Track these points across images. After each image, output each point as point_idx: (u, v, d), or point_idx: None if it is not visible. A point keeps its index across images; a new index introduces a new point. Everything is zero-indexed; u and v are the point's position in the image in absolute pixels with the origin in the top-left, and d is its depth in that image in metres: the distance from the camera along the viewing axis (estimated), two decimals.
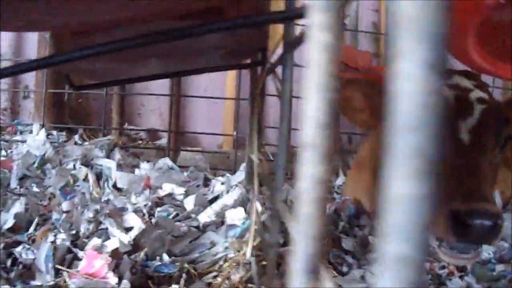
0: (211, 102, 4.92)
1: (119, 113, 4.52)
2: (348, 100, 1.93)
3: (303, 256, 0.42)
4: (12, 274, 1.71)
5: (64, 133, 4.63)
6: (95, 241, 1.78)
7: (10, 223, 2.31)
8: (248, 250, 1.82)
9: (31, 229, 2.24)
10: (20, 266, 1.80)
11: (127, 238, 1.77)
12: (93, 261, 1.61)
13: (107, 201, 2.71)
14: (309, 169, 0.40)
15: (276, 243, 1.40)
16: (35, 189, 3.20)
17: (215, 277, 1.73)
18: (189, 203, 2.61)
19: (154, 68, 1.48)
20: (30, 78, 4.64)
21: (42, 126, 4.27)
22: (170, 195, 2.79)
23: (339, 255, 1.96)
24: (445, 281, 1.87)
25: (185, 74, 2.84)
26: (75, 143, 3.96)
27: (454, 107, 1.65)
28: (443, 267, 1.89)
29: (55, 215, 2.48)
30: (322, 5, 0.37)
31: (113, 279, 1.49)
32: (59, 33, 1.17)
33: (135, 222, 1.94)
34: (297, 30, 1.21)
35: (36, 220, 2.32)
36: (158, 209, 2.54)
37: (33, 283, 1.65)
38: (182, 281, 1.61)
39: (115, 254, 1.66)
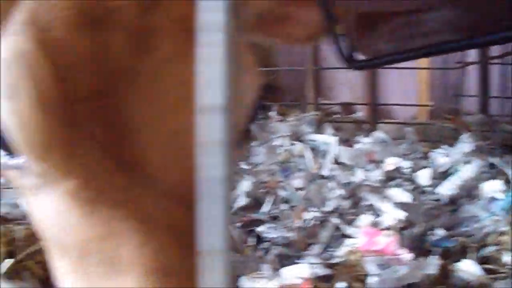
0: (403, 73, 4.76)
1: (314, 88, 4.57)
2: None
3: None
4: (269, 252, 1.78)
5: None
6: (366, 218, 1.79)
7: (243, 201, 2.43)
8: None
9: (266, 207, 2.34)
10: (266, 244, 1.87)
11: (401, 214, 1.75)
12: (374, 238, 1.62)
13: (332, 177, 2.74)
14: None
15: None
16: (245, 166, 3.34)
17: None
18: (422, 177, 2.53)
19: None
20: None
21: None
22: (397, 169, 2.74)
23: None
24: None
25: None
26: (280, 121, 4.08)
27: None
28: None
29: (283, 192, 2.57)
30: None
31: (406, 256, 1.48)
32: None
33: (400, 197, 1.93)
34: None
35: (267, 198, 2.41)
36: (391, 183, 2.50)
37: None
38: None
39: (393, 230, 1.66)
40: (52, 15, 0.59)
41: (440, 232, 1.72)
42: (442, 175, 2.57)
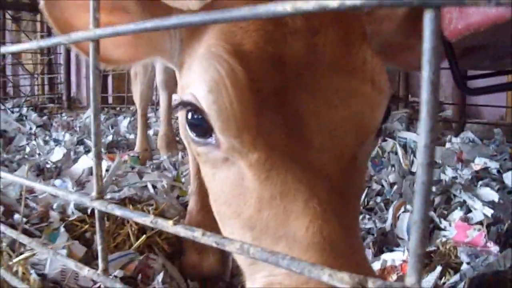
0: None
1: (404, 86, 4.71)
2: None
3: None
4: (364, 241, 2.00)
5: None
6: (457, 213, 2.00)
7: None
8: None
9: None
10: (362, 233, 2.09)
11: (490, 211, 1.95)
12: (466, 231, 1.83)
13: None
14: None
15: None
16: None
17: None
18: (509, 178, 2.66)
19: None
20: None
21: None
22: (485, 169, 2.88)
23: None
24: None
25: None
26: None
27: None
28: None
29: (375, 185, 2.78)
30: None
31: (494, 247, 1.68)
32: None
33: (490, 196, 2.11)
34: None
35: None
36: (479, 182, 2.64)
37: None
38: None
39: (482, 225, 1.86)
40: (245, 34, 0.85)
41: None
42: None
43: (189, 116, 0.89)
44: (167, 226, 0.72)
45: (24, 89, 7.55)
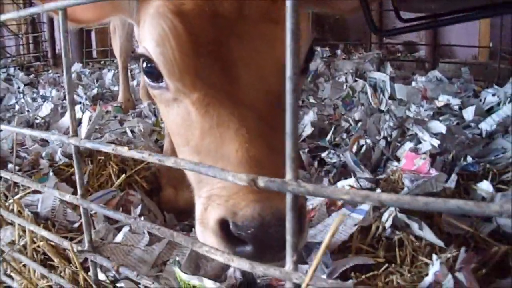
0: None
1: (379, 27, 4.84)
2: None
3: None
4: (329, 174, 2.21)
5: (327, 48, 5.15)
6: (408, 145, 2.21)
7: (309, 130, 2.86)
8: None
9: (328, 136, 2.76)
10: (328, 167, 2.31)
11: (437, 142, 2.15)
12: (413, 160, 2.04)
13: (388, 111, 3.11)
14: None
15: None
16: (312, 100, 3.75)
17: None
18: (468, 113, 2.86)
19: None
20: None
21: None
22: (447, 105, 3.08)
23: None
24: None
25: None
26: (345, 58, 4.45)
27: None
28: None
29: (344, 123, 2.99)
30: None
31: (435, 173, 1.89)
32: None
33: (440, 129, 2.31)
34: None
35: (332, 128, 2.81)
36: (440, 118, 2.84)
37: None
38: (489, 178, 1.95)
39: (429, 155, 2.06)
40: None
41: (469, 159, 2.09)
42: (487, 112, 2.89)
43: (144, 65, 1.09)
44: (123, 151, 0.91)
45: (10, 49, 7.62)
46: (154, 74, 1.08)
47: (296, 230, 0.62)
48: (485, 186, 1.83)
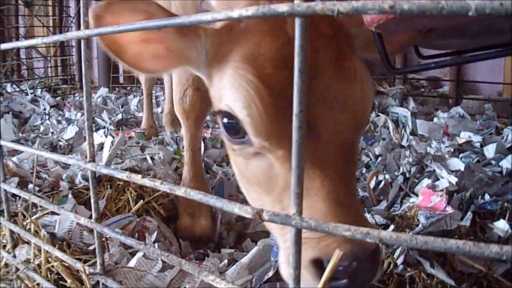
0: None
1: (402, 63, 4.86)
2: None
3: None
4: None
5: None
6: (426, 181, 2.20)
7: None
8: None
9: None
10: None
11: (454, 179, 2.14)
12: (430, 197, 2.03)
13: (408, 147, 3.11)
14: None
15: None
16: None
17: None
18: (489, 150, 2.83)
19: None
20: None
21: None
22: (468, 142, 3.06)
23: None
24: None
25: None
26: None
27: None
28: None
29: (364, 158, 2.99)
30: None
31: (451, 211, 1.88)
32: None
33: (459, 166, 2.30)
34: None
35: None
36: (461, 155, 2.83)
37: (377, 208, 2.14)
38: (506, 217, 1.92)
39: (446, 192, 2.05)
40: (265, 59, 1.09)
41: (487, 197, 2.07)
42: (509, 150, 2.86)
43: (225, 120, 1.15)
44: (137, 179, 0.94)
45: (38, 71, 7.79)
46: (235, 129, 1.13)
47: None
48: (501, 225, 1.81)
